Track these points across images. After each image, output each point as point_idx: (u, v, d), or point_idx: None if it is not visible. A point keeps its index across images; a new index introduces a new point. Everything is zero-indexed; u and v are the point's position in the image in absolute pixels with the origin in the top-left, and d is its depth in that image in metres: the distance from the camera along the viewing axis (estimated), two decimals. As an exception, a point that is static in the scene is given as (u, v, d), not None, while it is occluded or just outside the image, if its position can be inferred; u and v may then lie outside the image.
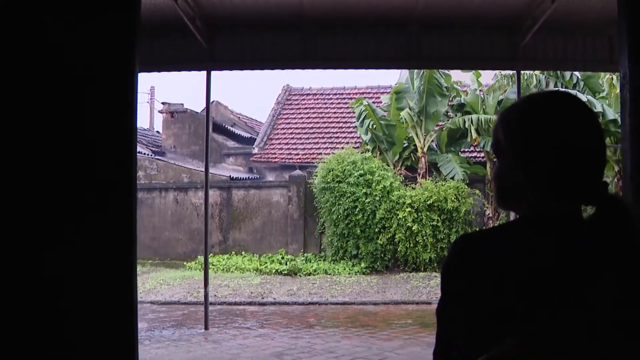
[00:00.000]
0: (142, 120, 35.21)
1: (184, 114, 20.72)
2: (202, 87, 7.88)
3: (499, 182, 1.32)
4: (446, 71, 14.65)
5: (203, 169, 8.60)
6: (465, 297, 1.22)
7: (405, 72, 16.45)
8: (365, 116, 15.61)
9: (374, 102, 17.01)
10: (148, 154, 18.78)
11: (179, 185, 16.83)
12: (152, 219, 16.54)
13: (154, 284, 13.16)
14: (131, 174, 2.45)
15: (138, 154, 20.40)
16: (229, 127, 22.40)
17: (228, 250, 16.08)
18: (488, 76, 15.19)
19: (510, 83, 14.44)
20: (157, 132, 24.93)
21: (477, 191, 14.67)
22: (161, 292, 12.30)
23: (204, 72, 7.80)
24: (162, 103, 21.47)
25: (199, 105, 45.68)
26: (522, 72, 10.34)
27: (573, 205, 1.26)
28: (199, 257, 15.43)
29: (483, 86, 15.88)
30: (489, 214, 14.91)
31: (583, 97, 12.92)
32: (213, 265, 14.76)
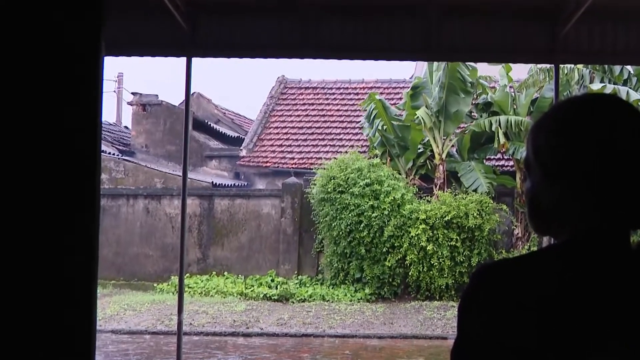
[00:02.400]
0: (107, 113, 35.14)
1: (159, 107, 20.74)
2: (181, 76, 7.85)
3: (532, 202, 1.33)
4: (471, 64, 14.67)
5: (180, 173, 8.55)
6: (486, 340, 1.22)
7: (422, 65, 16.48)
8: (375, 115, 15.63)
9: (385, 99, 17.01)
10: (114, 154, 18.78)
11: (151, 191, 16.83)
12: (116, 231, 16.52)
13: (117, 309, 13.11)
14: (93, 177, 2.41)
15: (102, 154, 20.40)
16: (212, 125, 22.42)
17: (208, 270, 16.07)
18: (520, 70, 15.19)
19: (547, 79, 14.47)
20: (126, 127, 24.93)
21: (505, 206, 14.68)
22: (125, 319, 12.24)
23: (184, 59, 7.78)
24: (132, 93, 21.49)
25: (177, 98, 45.81)
26: (561, 65, 10.35)
27: (620, 228, 1.26)
28: (172, 277, 15.44)
29: (514, 82, 15.91)
30: (518, 233, 14.90)
31: (635, 95, 12.91)
32: (189, 287, 14.74)
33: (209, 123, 22.24)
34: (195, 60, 7.88)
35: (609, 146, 1.24)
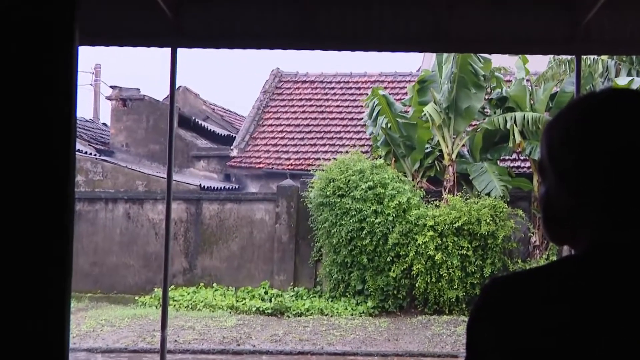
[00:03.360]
0: (83, 108, 35.03)
1: (141, 102, 20.72)
2: (166, 68, 7.83)
3: (546, 209, 1.35)
4: (484, 55, 14.67)
5: (164, 175, 8.55)
6: (497, 359, 1.24)
7: (430, 56, 16.49)
8: (378, 112, 15.63)
9: (389, 94, 17.01)
10: (91, 153, 18.77)
11: (132, 195, 16.81)
12: (93, 239, 16.51)
13: (93, 324, 13.08)
14: (67, 179, 2.40)
15: (77, 153, 20.40)
16: (200, 122, 22.41)
17: (195, 282, 16.06)
18: (538, 62, 15.20)
19: (568, 71, 14.47)
20: (104, 124, 24.93)
21: (521, 212, 14.69)
22: (102, 336, 12.22)
23: (168, 50, 7.76)
24: (111, 87, 21.45)
25: (160, 92, 45.92)
26: (583, 56, 10.32)
27: None
28: (155, 289, 15.43)
29: (531, 75, 15.91)
30: (535, 241, 14.91)
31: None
32: (175, 300, 14.74)
33: (196, 120, 22.23)
34: (181, 51, 7.86)
35: (631, 151, 1.24)
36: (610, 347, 1.18)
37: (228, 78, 65.74)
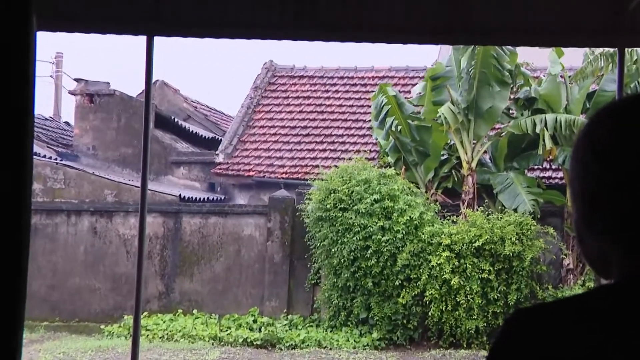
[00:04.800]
0: (42, 105, 34.88)
1: (111, 98, 20.73)
2: (141, 59, 7.81)
3: (578, 233, 1.37)
4: (510, 47, 14.68)
5: (138, 184, 8.53)
6: None
7: (447, 49, 16.50)
8: (386, 112, 15.62)
9: (400, 92, 17.02)
10: (50, 157, 18.74)
11: (100, 206, 16.82)
12: (52, 258, 16.49)
13: (50, 359, 13.02)
14: (22, 188, 2.38)
15: (35, 157, 20.27)
16: (180, 122, 22.45)
17: (172, 308, 16.03)
18: (573, 56, 15.19)
19: (612, 66, 14.49)
20: (67, 123, 24.92)
21: (552, 229, 14.68)
22: (63, 372, 12.18)
23: (144, 38, 7.74)
24: (76, 80, 21.49)
25: (134, 87, 45.95)
26: (627, 49, 10.29)
27: None
28: (125, 317, 15.36)
29: (566, 70, 15.91)
30: (568, 264, 14.91)
31: None
32: (148, 330, 14.72)
33: (176, 120, 22.25)
34: (159, 40, 7.84)
35: None
36: None
37: (213, 72, 65.89)
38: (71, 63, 78.58)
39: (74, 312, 16.25)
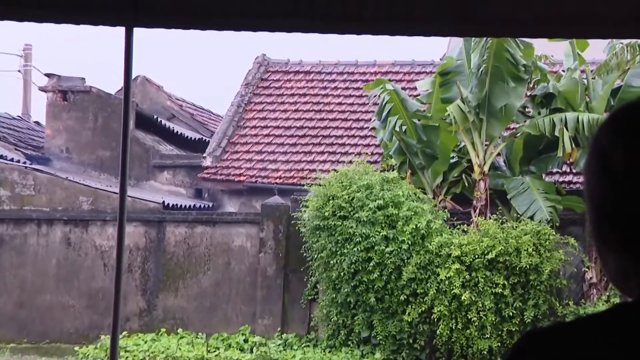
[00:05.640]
0: (9, 102, 35.01)
1: (86, 95, 20.76)
2: (119, 52, 7.74)
3: (597, 250, 1.40)
4: (526, 40, 14.62)
5: (117, 190, 8.49)
6: None
7: (457, 42, 16.46)
8: (389, 111, 15.55)
9: (404, 89, 16.97)
10: (19, 161, 18.70)
11: (74, 215, 16.84)
12: (20, 272, 16.50)
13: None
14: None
15: (0, 160, 20.15)
16: (163, 122, 22.45)
17: (154, 327, 16.02)
18: (595, 48, 15.16)
19: (639, 58, 14.44)
20: (37, 123, 24.89)
21: (572, 240, 14.67)
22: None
23: (122, 29, 7.68)
24: (47, 75, 21.48)
25: (112, 83, 45.94)
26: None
27: None
28: (102, 337, 15.26)
29: (588, 64, 15.86)
30: (591, 278, 14.89)
31: None
32: (127, 351, 14.70)
33: (159, 119, 22.27)
34: (139, 32, 7.77)
35: None
36: None
37: (200, 67, 65.91)
38: (42, 56, 78.44)
39: (44, 332, 16.24)
